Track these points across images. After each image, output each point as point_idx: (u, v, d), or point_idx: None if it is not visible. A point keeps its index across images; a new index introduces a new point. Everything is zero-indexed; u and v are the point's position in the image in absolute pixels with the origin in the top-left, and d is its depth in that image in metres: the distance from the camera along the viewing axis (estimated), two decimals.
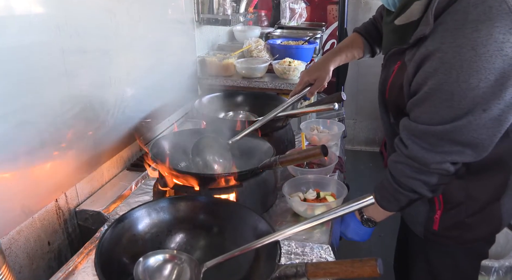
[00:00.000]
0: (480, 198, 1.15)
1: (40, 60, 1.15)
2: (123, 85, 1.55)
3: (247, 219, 1.07)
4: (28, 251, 1.17)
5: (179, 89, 2.11)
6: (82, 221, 1.36)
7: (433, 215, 1.19)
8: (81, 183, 1.36)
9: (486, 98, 0.90)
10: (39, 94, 1.15)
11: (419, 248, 1.32)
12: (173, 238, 1.09)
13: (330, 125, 1.88)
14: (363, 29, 1.51)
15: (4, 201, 1.07)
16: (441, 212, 1.18)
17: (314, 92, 1.48)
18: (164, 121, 1.96)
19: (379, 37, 1.41)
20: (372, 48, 1.51)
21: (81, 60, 1.31)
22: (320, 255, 1.15)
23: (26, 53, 1.10)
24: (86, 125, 1.36)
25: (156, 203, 1.09)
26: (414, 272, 1.37)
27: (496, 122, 0.93)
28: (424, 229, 1.23)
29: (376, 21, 1.50)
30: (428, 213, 1.20)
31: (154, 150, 1.34)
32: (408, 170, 1.05)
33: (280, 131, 1.67)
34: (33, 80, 1.13)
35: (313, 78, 1.49)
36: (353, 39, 1.53)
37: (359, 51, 1.51)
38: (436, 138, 0.98)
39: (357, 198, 0.98)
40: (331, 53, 1.53)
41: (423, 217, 1.21)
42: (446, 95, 0.93)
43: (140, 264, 0.94)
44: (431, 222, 1.20)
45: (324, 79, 1.48)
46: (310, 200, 1.28)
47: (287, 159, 1.18)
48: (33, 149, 1.14)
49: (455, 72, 0.91)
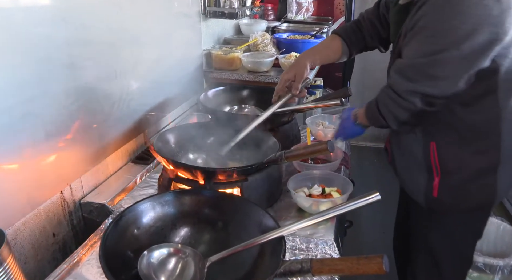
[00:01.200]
0: (473, 165, 1.23)
1: (45, 52, 1.14)
2: (128, 78, 1.55)
3: (252, 214, 1.06)
4: (33, 243, 1.17)
5: (185, 82, 2.10)
6: (87, 213, 1.36)
7: (432, 182, 1.27)
8: (86, 175, 1.36)
9: (462, 38, 1.04)
10: (44, 86, 1.15)
11: (419, 221, 1.41)
12: (178, 232, 1.08)
13: (336, 121, 1.87)
14: (343, 31, 1.52)
15: (9, 193, 1.07)
16: (439, 179, 1.26)
17: (298, 87, 1.47)
18: (169, 114, 1.95)
19: (358, 39, 1.49)
20: (350, 50, 1.52)
21: (86, 53, 1.30)
22: (325, 251, 1.15)
23: (31, 45, 1.10)
24: (91, 117, 1.36)
25: (161, 196, 1.09)
26: (414, 249, 1.45)
27: (465, 61, 1.08)
28: (425, 196, 1.31)
29: (359, 23, 1.51)
30: (428, 181, 1.28)
31: (159, 143, 1.33)
32: (386, 98, 1.19)
33: (285, 126, 1.66)
34: (38, 72, 1.13)
35: (292, 75, 1.48)
36: (330, 41, 1.54)
37: (335, 53, 1.52)
38: (415, 70, 1.13)
39: (363, 195, 0.97)
40: (306, 52, 1.54)
41: (423, 185, 1.30)
42: (431, 33, 1.09)
43: (145, 257, 0.94)
44: (431, 189, 1.28)
45: (303, 73, 1.48)
46: (316, 196, 1.27)
47: (292, 155, 1.18)
48: (38, 141, 1.14)
49: (441, 13, 1.06)
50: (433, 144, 1.24)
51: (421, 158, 1.28)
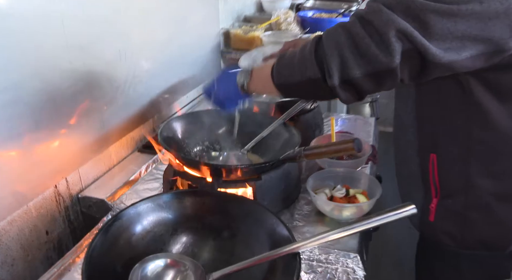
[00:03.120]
0: (483, 188, 0.95)
1: (36, 30, 1.01)
2: (135, 60, 1.41)
3: (263, 221, 0.92)
4: (22, 242, 1.06)
5: (200, 64, 1.95)
6: (86, 208, 1.24)
7: (429, 204, 1.03)
8: (84, 167, 1.24)
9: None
10: (34, 69, 1.01)
11: (422, 247, 1.17)
12: (179, 238, 0.95)
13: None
14: None
15: None
16: (437, 201, 1.01)
17: None
18: (182, 97, 1.81)
19: None
20: None
21: (84, 31, 1.16)
22: (347, 265, 1.00)
23: (20, 22, 0.96)
24: (92, 103, 1.23)
25: (159, 197, 0.95)
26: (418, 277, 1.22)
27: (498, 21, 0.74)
28: (420, 220, 1.06)
29: None
30: (424, 201, 1.04)
31: (164, 133, 1.20)
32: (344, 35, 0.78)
33: (307, 115, 1.50)
34: (28, 53, 0.99)
35: (293, 43, 1.23)
36: None
37: None
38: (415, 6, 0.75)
39: (396, 207, 0.81)
40: None
41: (419, 206, 1.00)
42: None
43: (136, 271, 0.81)
44: (427, 212, 1.03)
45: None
46: (338, 199, 1.12)
47: (313, 153, 1.02)
48: (27, 130, 1.02)
49: None
50: (433, 156, 0.98)
51: (416, 171, 1.03)
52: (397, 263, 2.41)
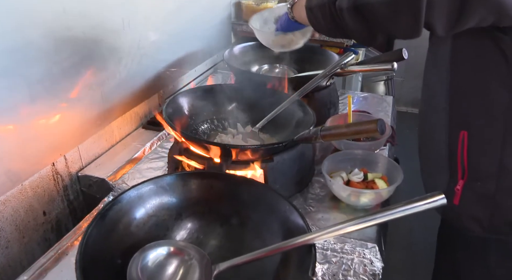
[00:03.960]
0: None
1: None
2: (140, 30, 1.31)
3: (276, 208, 0.84)
4: (18, 223, 1.00)
5: (209, 36, 1.85)
6: (86, 187, 1.18)
7: (454, 185, 0.95)
8: (85, 144, 1.17)
9: None
10: (27, 37, 0.92)
11: (443, 234, 1.10)
12: (183, 224, 0.88)
13: None
14: None
15: None
16: (463, 183, 0.94)
17: None
18: (190, 71, 1.72)
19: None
20: None
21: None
22: (364, 255, 0.93)
23: None
24: (92, 75, 1.14)
25: (162, 179, 0.87)
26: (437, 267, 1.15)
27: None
28: None
29: None
30: (448, 183, 0.96)
31: (169, 109, 1.11)
32: None
33: (322, 92, 1.40)
34: (20, 20, 0.90)
35: None
36: None
37: None
38: None
39: (424, 196, 0.73)
40: None
41: (443, 187, 0.97)
42: None
43: (135, 260, 0.74)
44: (451, 194, 0.95)
45: None
46: (356, 184, 1.03)
47: (331, 133, 0.93)
48: (20, 104, 0.93)
49: None
50: (464, 134, 0.90)
51: (443, 150, 0.95)
52: (411, 249, 2.34)
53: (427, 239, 1.11)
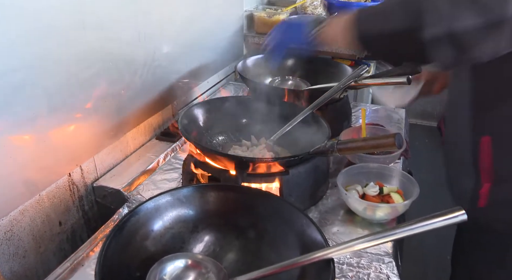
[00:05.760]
0: None
1: (50, 7, 0.93)
2: (155, 42, 1.33)
3: (292, 221, 0.84)
4: (34, 233, 1.00)
5: (222, 47, 1.86)
6: (101, 198, 1.18)
7: (479, 189, 0.95)
8: (100, 155, 1.17)
9: None
10: (48, 49, 0.94)
11: (462, 238, 1.10)
12: (199, 236, 0.88)
13: None
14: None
15: (2, 176, 0.89)
16: (489, 186, 0.94)
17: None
18: (202, 83, 1.73)
19: None
20: None
21: (102, 11, 1.08)
22: (380, 270, 0.92)
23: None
24: (108, 87, 1.15)
25: (179, 191, 0.88)
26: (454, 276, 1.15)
27: None
28: (469, 206, 0.97)
29: None
30: (474, 187, 0.96)
31: (185, 120, 1.12)
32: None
33: (336, 104, 1.41)
34: (41, 33, 0.91)
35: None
36: None
37: None
38: None
39: (443, 212, 0.73)
40: None
41: (468, 191, 0.98)
42: None
43: (153, 272, 0.74)
44: (476, 198, 0.96)
45: None
46: (371, 197, 1.03)
47: (348, 147, 0.93)
48: (39, 116, 0.94)
49: None
50: (488, 139, 0.91)
51: (467, 153, 0.96)
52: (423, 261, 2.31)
53: (440, 250, 1.10)
